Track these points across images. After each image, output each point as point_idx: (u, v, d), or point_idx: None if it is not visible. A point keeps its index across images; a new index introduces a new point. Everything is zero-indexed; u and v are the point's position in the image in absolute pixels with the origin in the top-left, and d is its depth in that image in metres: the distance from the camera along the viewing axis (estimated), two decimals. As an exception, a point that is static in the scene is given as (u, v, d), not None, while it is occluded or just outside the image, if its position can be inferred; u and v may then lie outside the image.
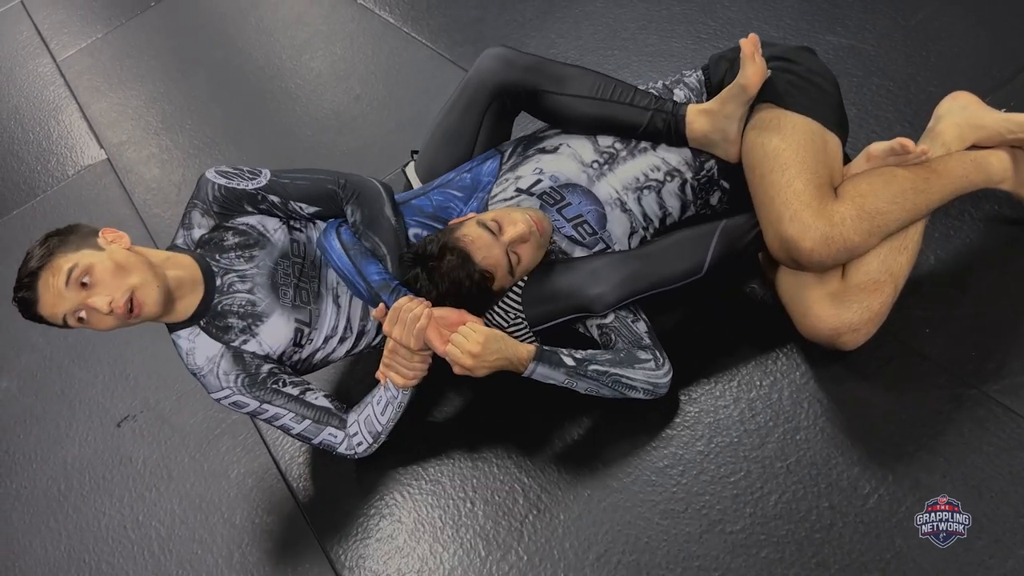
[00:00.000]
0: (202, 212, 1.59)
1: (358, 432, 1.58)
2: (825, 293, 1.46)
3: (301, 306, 1.61)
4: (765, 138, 1.49)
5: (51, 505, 1.93)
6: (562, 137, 1.66)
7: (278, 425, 1.58)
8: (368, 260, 1.54)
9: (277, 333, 1.59)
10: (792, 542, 1.36)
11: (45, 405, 2.17)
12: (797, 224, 1.39)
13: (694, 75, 1.69)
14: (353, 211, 1.60)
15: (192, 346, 1.56)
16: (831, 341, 1.46)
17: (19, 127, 3.31)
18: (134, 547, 1.78)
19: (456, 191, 1.66)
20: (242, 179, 1.60)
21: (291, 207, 1.61)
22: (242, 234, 1.60)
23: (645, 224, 1.64)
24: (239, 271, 1.58)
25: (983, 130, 1.56)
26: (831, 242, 1.38)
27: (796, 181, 1.42)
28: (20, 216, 2.85)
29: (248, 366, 1.56)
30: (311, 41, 3.07)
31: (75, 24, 3.83)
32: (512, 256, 1.50)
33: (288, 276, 1.61)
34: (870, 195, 1.43)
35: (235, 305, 1.57)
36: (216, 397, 1.58)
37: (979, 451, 1.36)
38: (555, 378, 1.49)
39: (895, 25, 2.12)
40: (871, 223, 1.41)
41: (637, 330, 1.54)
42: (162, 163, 2.81)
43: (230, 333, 1.57)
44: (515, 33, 2.62)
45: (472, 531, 1.55)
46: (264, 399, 1.56)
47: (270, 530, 1.70)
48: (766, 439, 1.48)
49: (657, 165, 1.61)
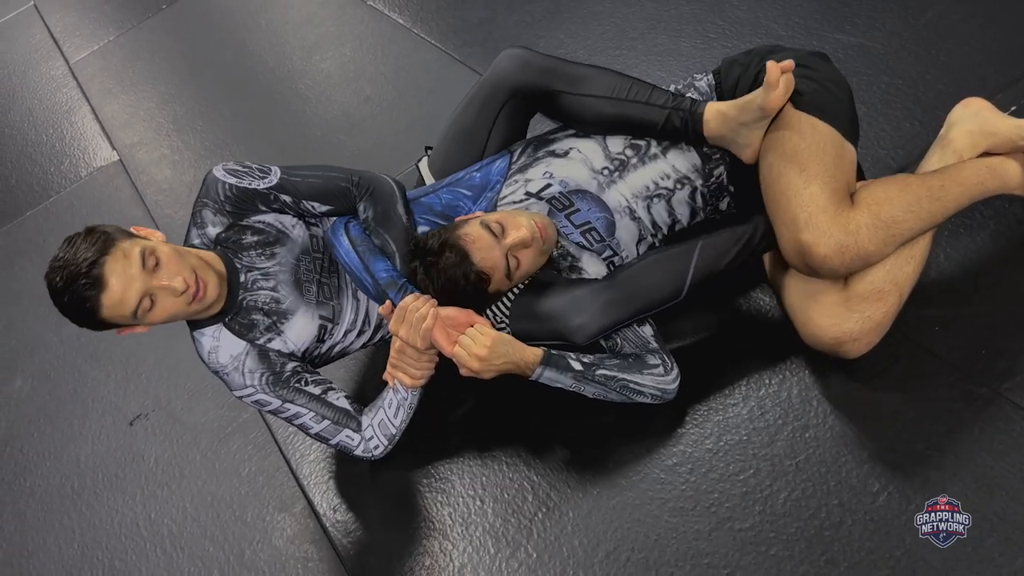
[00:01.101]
0: (214, 211, 1.57)
1: (374, 436, 1.58)
2: (828, 302, 1.45)
3: (325, 302, 1.62)
4: (784, 136, 1.47)
5: (64, 503, 1.95)
6: (572, 140, 1.65)
7: (297, 424, 1.58)
8: (376, 257, 1.54)
9: (302, 331, 1.59)
10: (801, 540, 1.36)
11: (58, 404, 2.19)
12: (813, 230, 1.38)
13: (704, 79, 1.67)
14: (366, 208, 1.59)
15: (216, 344, 1.55)
16: (833, 350, 1.46)
17: (32, 129, 3.34)
18: (146, 544, 1.79)
19: (466, 190, 1.66)
20: (252, 177, 1.57)
21: (303, 206, 1.60)
22: (260, 232, 1.59)
23: (654, 231, 1.64)
24: (262, 269, 1.57)
25: (996, 137, 1.56)
26: (846, 251, 1.37)
27: (813, 184, 1.40)
28: (34, 217, 2.88)
29: (273, 364, 1.56)
30: (321, 43, 3.09)
31: (87, 27, 3.86)
32: (511, 260, 1.49)
33: (310, 272, 1.61)
34: (886, 203, 1.41)
35: (259, 302, 1.57)
36: (239, 395, 1.57)
37: (990, 449, 1.36)
38: (562, 382, 1.49)
39: (904, 24, 2.11)
40: (887, 232, 1.40)
41: (643, 334, 1.54)
42: (174, 164, 2.83)
43: (255, 331, 1.56)
44: (524, 33, 2.63)
45: (482, 528, 1.56)
46: (287, 398, 1.55)
47: (281, 528, 1.71)
48: (775, 437, 1.48)
49: (667, 173, 1.60)
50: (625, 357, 1.51)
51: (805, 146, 1.44)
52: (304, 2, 3.37)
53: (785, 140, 1.47)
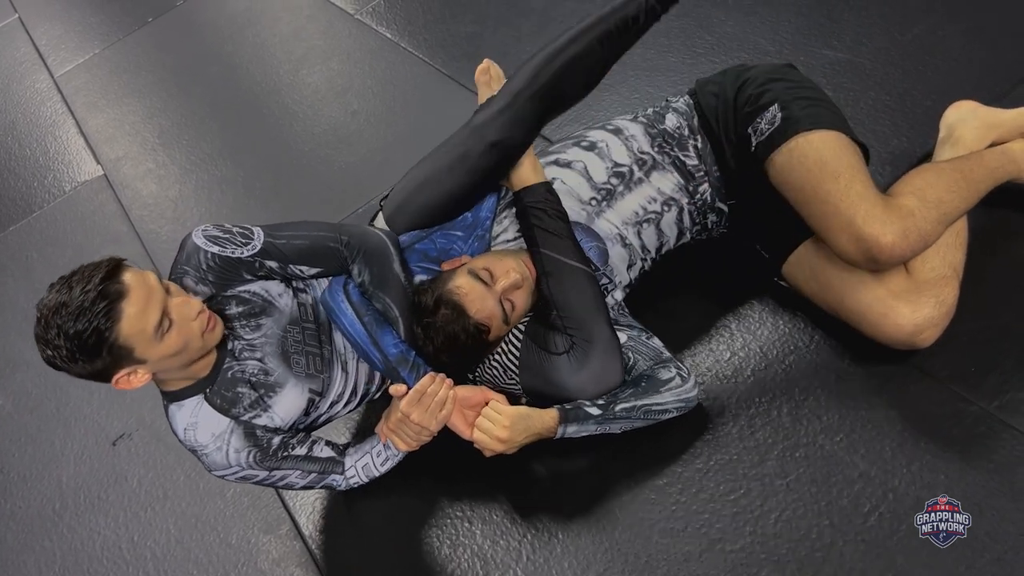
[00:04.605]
0: (195, 280, 1.43)
1: (356, 475, 1.54)
2: (903, 293, 1.46)
3: (315, 375, 1.52)
4: (800, 156, 1.48)
5: (45, 525, 1.91)
6: (556, 171, 1.63)
7: (282, 485, 1.51)
8: (383, 329, 1.48)
9: (291, 405, 1.49)
10: (793, 561, 1.34)
11: (40, 423, 2.15)
12: (874, 222, 1.39)
13: (681, 99, 1.69)
14: (360, 271, 1.51)
15: (194, 420, 1.41)
16: (911, 339, 1.46)
17: (16, 143, 3.31)
18: (129, 567, 1.76)
19: (458, 231, 1.61)
20: (234, 244, 1.44)
21: (291, 270, 1.49)
22: (245, 302, 1.47)
23: (643, 255, 1.64)
24: (247, 340, 1.46)
25: (1001, 127, 1.64)
26: (909, 233, 1.39)
27: (854, 184, 1.42)
28: (16, 232, 2.85)
29: (259, 441, 1.45)
30: (308, 56, 3.08)
31: (73, 40, 3.84)
32: (506, 304, 1.48)
33: (299, 343, 1.51)
34: (927, 187, 1.47)
35: (247, 373, 1.45)
36: (219, 474, 1.45)
37: (980, 468, 1.35)
38: (587, 430, 1.46)
39: (891, 39, 2.12)
40: (937, 211, 1.43)
41: (654, 345, 1.53)
42: (159, 179, 2.81)
43: (238, 406, 1.44)
44: (512, 48, 2.62)
45: (470, 551, 1.53)
46: (274, 467, 1.46)
47: (266, 550, 1.69)
48: (765, 456, 1.47)
49: (653, 196, 1.60)
50: (638, 382, 1.48)
51: (829, 156, 1.46)
52: (291, 16, 3.37)
53: (804, 159, 1.47)
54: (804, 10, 2.30)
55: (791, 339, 1.61)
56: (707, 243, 1.75)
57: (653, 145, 1.63)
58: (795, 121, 1.49)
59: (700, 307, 1.72)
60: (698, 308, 1.72)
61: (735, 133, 1.60)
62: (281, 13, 3.41)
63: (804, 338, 1.61)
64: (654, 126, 1.65)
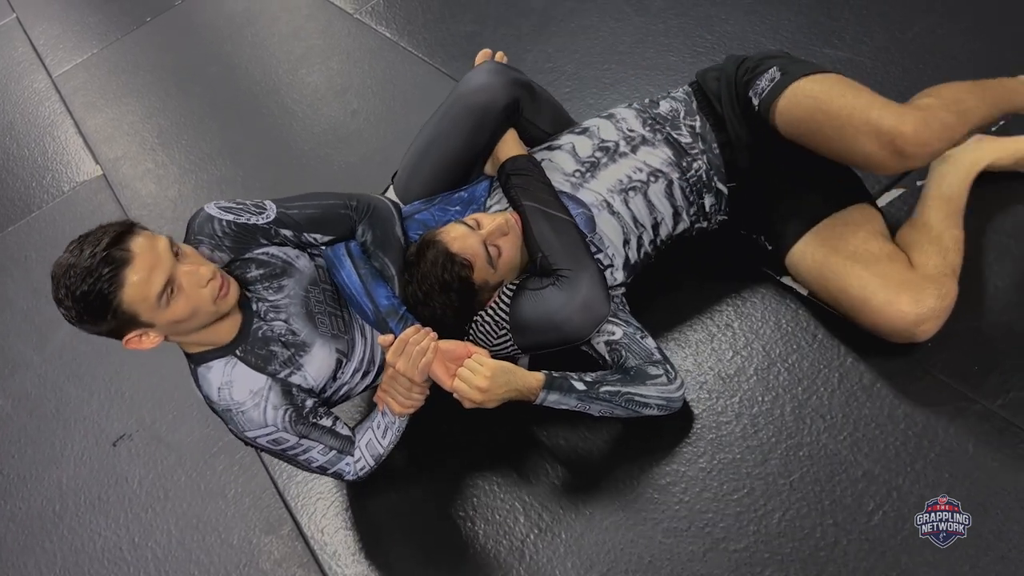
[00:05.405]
0: (211, 247, 1.44)
1: (362, 457, 1.54)
2: (902, 282, 1.46)
3: (339, 335, 1.54)
4: (803, 94, 1.48)
5: (46, 526, 1.91)
6: (545, 153, 1.68)
7: (303, 459, 1.49)
8: (378, 282, 1.52)
9: (322, 364, 1.50)
10: (796, 560, 1.34)
11: (40, 424, 2.15)
12: (891, 114, 1.38)
13: (680, 90, 1.72)
14: (365, 230, 1.55)
15: (229, 379, 1.41)
16: (910, 331, 1.45)
17: (14, 143, 3.31)
18: (130, 569, 1.75)
19: (455, 205, 1.68)
20: (249, 213, 1.48)
21: (305, 238, 1.53)
22: (265, 264, 1.49)
23: (637, 230, 1.62)
24: (271, 302, 1.47)
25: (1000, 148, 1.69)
26: (931, 121, 1.38)
27: (862, 95, 1.43)
28: (15, 232, 2.84)
29: (295, 399, 1.45)
30: (308, 56, 3.07)
31: (71, 40, 3.83)
32: (491, 248, 1.51)
33: (321, 304, 1.53)
34: (943, 88, 1.47)
35: (276, 332, 1.46)
36: (252, 435, 1.44)
37: (984, 467, 1.35)
38: (567, 403, 1.47)
39: (891, 38, 2.12)
40: (956, 107, 1.42)
41: (647, 346, 1.53)
42: (158, 179, 2.80)
43: (274, 363, 1.45)
44: (512, 48, 2.61)
45: (473, 550, 1.53)
46: (303, 433, 1.46)
47: (268, 550, 1.68)
48: (769, 456, 1.47)
49: (639, 167, 1.62)
50: (627, 371, 1.49)
51: (832, 84, 1.47)
52: (290, 15, 3.36)
53: (810, 92, 1.48)
54: (804, 9, 2.30)
55: (794, 338, 1.61)
56: (709, 237, 1.75)
57: (644, 126, 1.65)
58: (793, 74, 1.51)
59: (703, 305, 1.72)
60: (701, 306, 1.72)
61: (738, 104, 1.61)
62: (280, 12, 3.41)
63: (807, 337, 1.61)
64: (647, 111, 1.68)
